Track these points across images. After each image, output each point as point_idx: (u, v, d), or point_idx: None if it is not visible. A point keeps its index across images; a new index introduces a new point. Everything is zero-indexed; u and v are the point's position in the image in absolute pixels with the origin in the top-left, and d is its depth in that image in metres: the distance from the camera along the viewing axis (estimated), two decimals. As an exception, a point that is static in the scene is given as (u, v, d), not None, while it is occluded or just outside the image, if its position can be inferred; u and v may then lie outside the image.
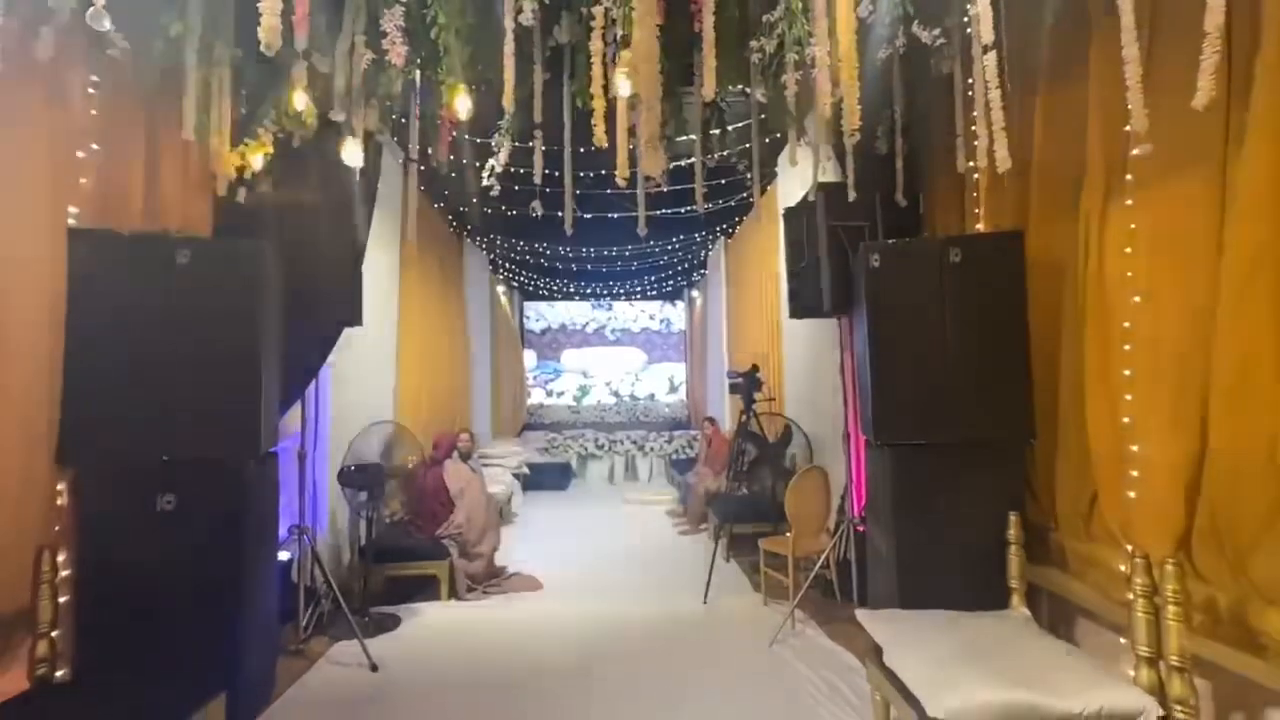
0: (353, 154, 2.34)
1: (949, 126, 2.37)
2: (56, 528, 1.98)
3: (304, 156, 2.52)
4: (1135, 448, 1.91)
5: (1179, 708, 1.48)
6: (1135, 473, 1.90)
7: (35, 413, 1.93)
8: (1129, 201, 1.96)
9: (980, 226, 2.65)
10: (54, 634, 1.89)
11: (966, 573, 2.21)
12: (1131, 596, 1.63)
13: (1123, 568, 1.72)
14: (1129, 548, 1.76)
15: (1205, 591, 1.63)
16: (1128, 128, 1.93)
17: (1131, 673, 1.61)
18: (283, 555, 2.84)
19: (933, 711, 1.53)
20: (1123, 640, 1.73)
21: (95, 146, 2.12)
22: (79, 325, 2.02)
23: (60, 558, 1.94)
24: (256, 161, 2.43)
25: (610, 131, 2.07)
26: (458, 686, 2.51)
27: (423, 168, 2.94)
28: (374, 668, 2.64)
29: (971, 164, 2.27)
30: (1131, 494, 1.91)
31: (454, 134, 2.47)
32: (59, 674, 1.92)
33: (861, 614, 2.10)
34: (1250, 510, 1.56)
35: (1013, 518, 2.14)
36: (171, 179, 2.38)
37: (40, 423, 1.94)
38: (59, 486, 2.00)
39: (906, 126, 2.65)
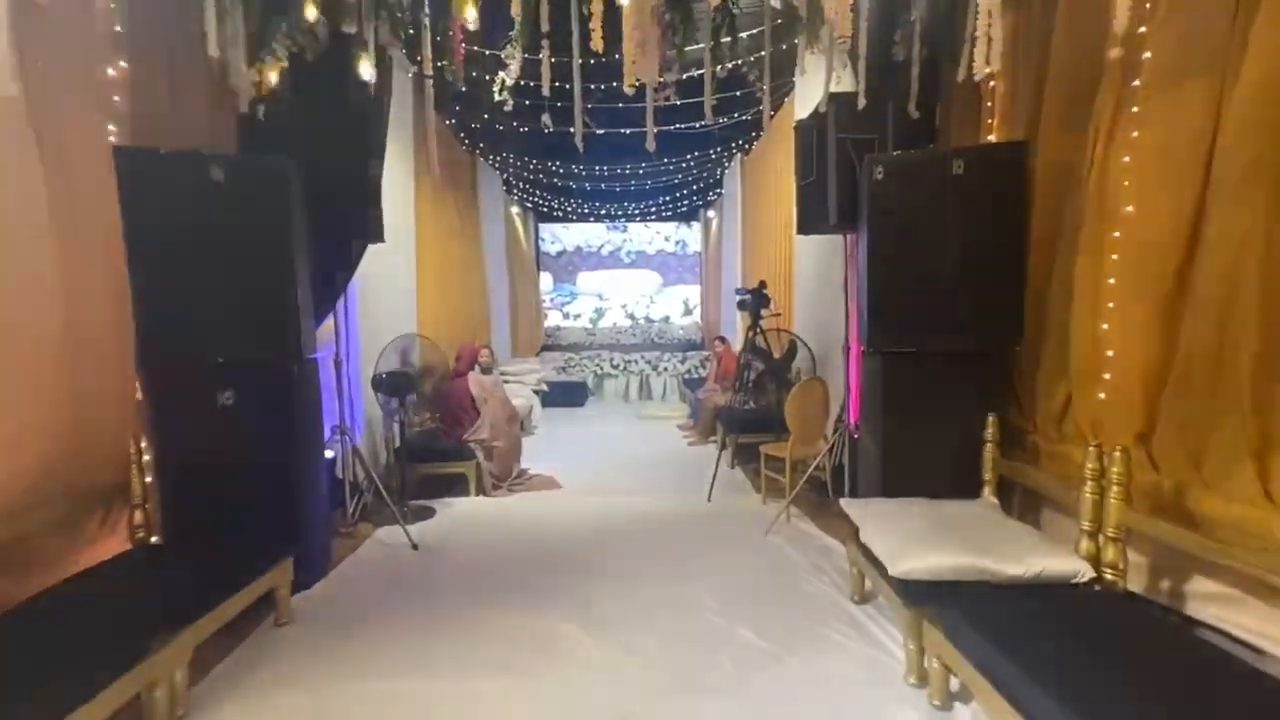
0: (366, 68, 2.38)
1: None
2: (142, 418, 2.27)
3: (319, 72, 2.55)
4: (1111, 353, 2.03)
5: (1109, 571, 1.71)
6: (1108, 375, 2.04)
7: (123, 316, 2.17)
8: (1135, 109, 1.96)
9: (993, 138, 2.62)
10: (146, 505, 2.22)
11: (947, 469, 2.41)
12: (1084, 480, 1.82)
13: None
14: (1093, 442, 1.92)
15: (1154, 479, 1.80)
16: (1142, 29, 1.92)
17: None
18: (327, 453, 3.17)
19: (893, 572, 1.78)
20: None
21: (123, 64, 2.20)
22: (134, 239, 2.20)
23: (143, 444, 2.24)
24: (273, 78, 2.48)
25: (620, 39, 2.07)
26: (489, 561, 2.88)
27: (432, 81, 2.93)
28: (415, 546, 3.02)
29: (989, 69, 2.22)
30: (1102, 395, 2.06)
31: (465, 46, 2.48)
32: (153, 539, 2.28)
33: (845, 501, 2.35)
34: (1210, 409, 1.70)
35: (991, 418, 2.31)
36: (196, 96, 2.46)
37: (127, 325, 2.19)
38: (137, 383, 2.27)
39: (925, 33, 2.56)
